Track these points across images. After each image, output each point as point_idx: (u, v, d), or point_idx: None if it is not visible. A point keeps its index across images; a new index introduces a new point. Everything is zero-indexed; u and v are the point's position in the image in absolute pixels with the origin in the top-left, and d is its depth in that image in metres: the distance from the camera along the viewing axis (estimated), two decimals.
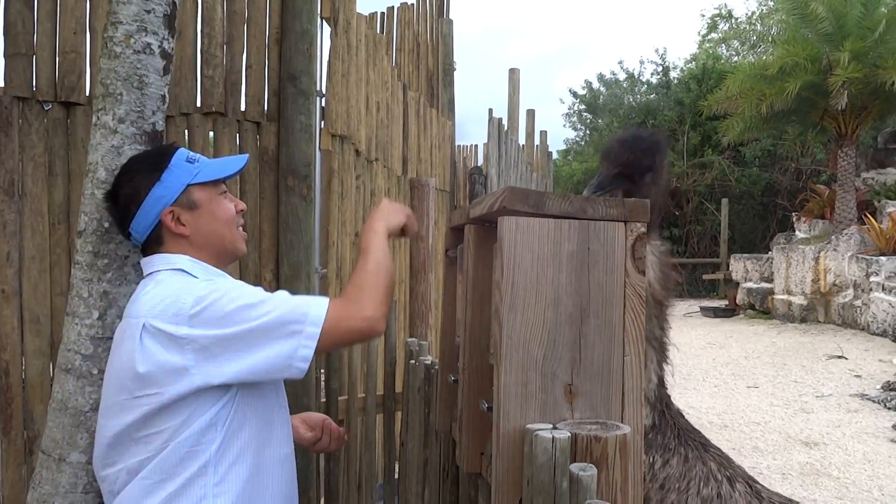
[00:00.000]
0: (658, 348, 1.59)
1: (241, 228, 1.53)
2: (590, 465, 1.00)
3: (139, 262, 1.50)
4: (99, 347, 1.49)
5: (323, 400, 2.95)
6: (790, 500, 1.55)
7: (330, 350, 1.32)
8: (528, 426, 1.13)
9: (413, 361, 2.60)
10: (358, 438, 3.01)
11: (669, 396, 1.62)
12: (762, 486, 1.57)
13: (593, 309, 1.20)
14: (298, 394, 2.67)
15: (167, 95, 1.50)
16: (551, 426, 1.13)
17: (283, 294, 1.38)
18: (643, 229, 1.22)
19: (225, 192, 1.50)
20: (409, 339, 2.85)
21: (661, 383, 1.59)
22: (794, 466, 4.65)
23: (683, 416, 1.65)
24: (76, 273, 1.49)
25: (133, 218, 1.42)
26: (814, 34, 10.80)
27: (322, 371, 3.05)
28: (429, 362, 2.41)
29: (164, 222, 1.42)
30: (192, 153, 1.47)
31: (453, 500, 1.95)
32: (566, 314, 1.19)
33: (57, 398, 1.54)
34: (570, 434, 1.07)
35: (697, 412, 6.01)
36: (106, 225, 1.48)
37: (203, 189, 1.45)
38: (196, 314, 1.30)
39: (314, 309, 1.34)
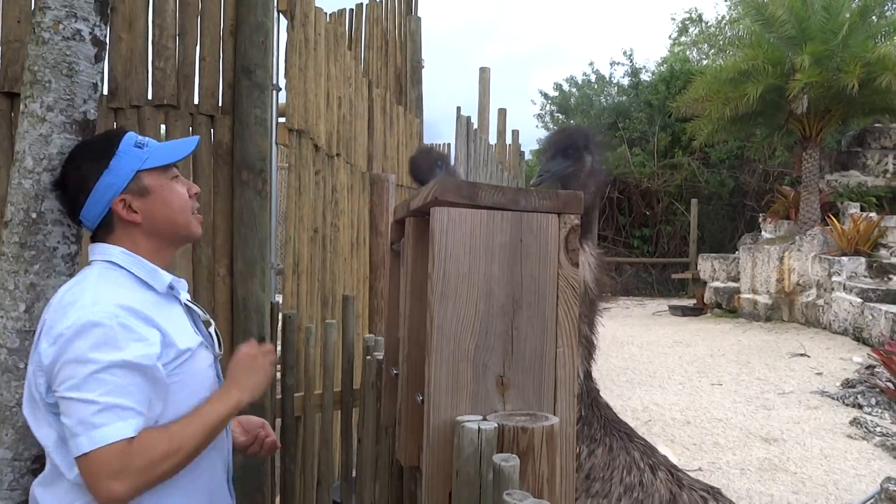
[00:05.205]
0: (586, 345, 1.65)
1: (196, 211, 1.50)
2: (513, 455, 1.00)
3: (69, 254, 1.47)
4: (26, 341, 1.45)
5: (278, 396, 2.91)
6: (710, 487, 1.58)
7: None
8: (458, 418, 1.12)
9: (369, 357, 2.58)
10: (315, 436, 2.98)
11: (598, 390, 1.66)
12: (684, 473, 1.60)
13: (526, 300, 1.19)
14: None
15: (100, 84, 1.46)
16: (480, 418, 1.12)
17: (107, 384, 1.23)
18: (576, 221, 1.21)
19: (177, 176, 1.47)
20: (367, 336, 2.84)
21: (589, 377, 1.65)
22: (753, 462, 4.71)
23: (610, 409, 1.69)
24: (2, 265, 1.44)
25: (83, 206, 1.39)
26: (777, 38, 10.96)
27: (278, 367, 3.01)
28: (381, 357, 2.40)
29: (116, 210, 1.39)
30: (140, 137, 1.43)
31: (399, 496, 1.94)
32: (498, 305, 1.18)
33: None
34: (496, 425, 1.06)
35: (661, 409, 6.07)
36: (33, 216, 1.44)
37: (153, 174, 1.41)
38: (63, 338, 1.25)
39: (91, 439, 1.21)
